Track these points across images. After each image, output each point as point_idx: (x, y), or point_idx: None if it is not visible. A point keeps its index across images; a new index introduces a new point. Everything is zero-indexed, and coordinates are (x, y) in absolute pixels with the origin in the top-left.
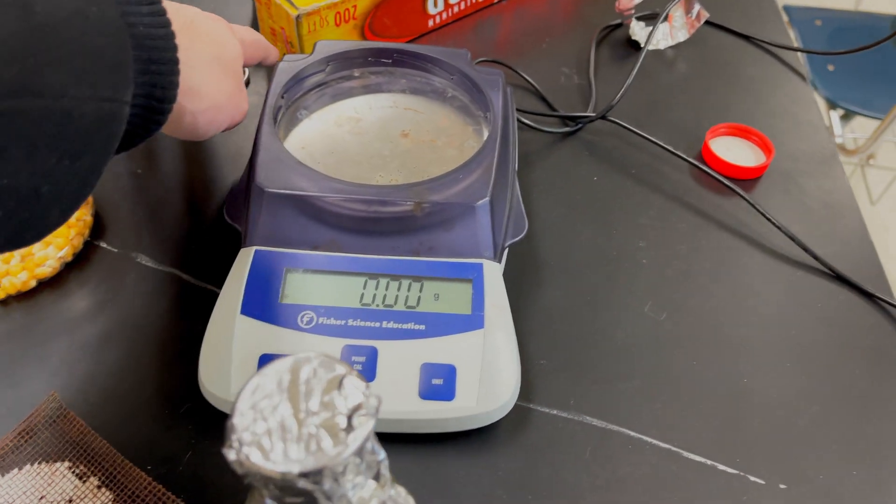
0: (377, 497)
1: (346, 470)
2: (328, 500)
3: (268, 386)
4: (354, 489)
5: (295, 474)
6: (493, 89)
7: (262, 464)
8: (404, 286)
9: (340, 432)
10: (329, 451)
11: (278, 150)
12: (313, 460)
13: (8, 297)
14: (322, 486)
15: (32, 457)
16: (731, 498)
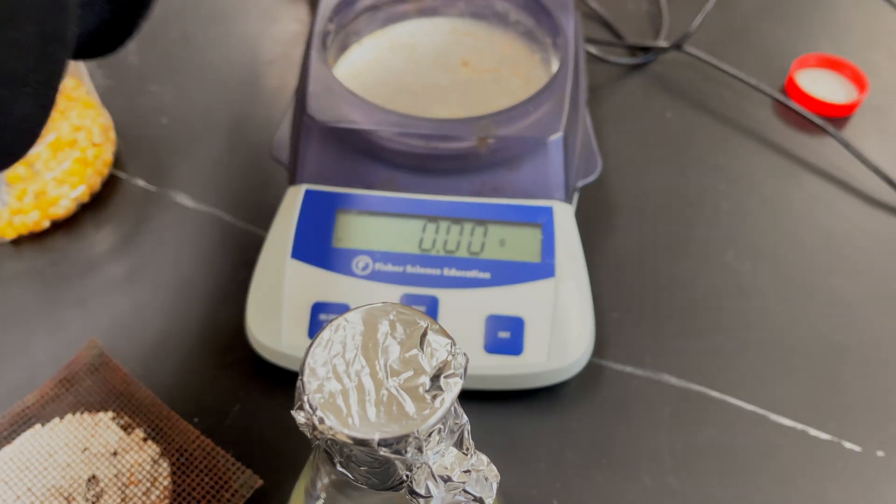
0: (460, 465)
1: (430, 436)
2: (407, 469)
3: (340, 339)
4: (436, 456)
5: (374, 442)
6: (563, 11)
7: (337, 429)
8: (467, 230)
9: (425, 394)
10: (413, 417)
11: (329, 79)
12: (396, 427)
13: (19, 236)
14: (404, 455)
15: (74, 406)
16: (823, 466)
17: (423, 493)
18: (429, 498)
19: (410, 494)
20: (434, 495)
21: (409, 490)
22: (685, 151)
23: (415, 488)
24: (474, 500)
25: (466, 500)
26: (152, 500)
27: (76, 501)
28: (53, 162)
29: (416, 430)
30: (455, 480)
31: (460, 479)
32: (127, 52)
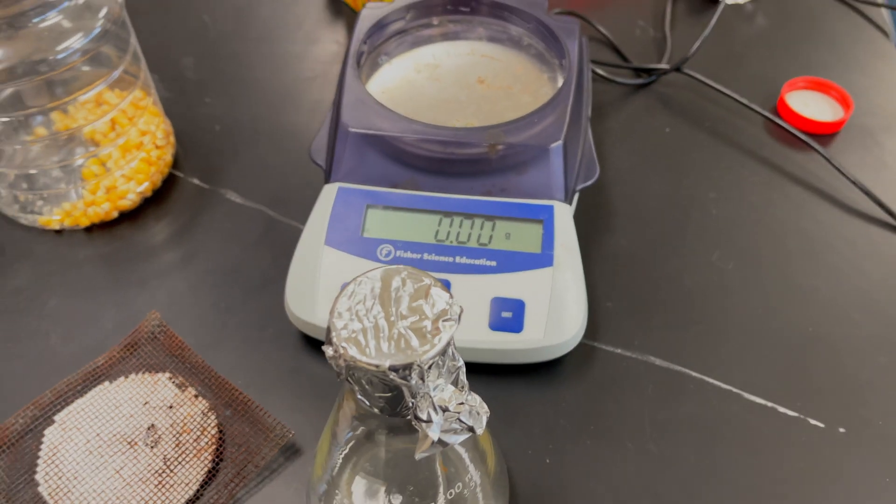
0: (456, 399)
1: (431, 369)
2: (412, 397)
3: (361, 292)
4: (436, 390)
5: (386, 367)
6: (569, 37)
7: (358, 357)
8: (477, 224)
9: (427, 334)
10: (417, 349)
11: (361, 93)
12: (403, 356)
13: (92, 225)
14: (409, 382)
15: (136, 368)
16: (789, 439)
17: (425, 418)
18: (430, 423)
19: (415, 419)
20: (434, 420)
21: (414, 416)
22: (681, 163)
23: (419, 414)
24: (468, 428)
25: (461, 428)
26: (201, 446)
27: (137, 445)
28: (122, 161)
29: (419, 360)
30: (451, 410)
31: (456, 410)
32: (185, 68)
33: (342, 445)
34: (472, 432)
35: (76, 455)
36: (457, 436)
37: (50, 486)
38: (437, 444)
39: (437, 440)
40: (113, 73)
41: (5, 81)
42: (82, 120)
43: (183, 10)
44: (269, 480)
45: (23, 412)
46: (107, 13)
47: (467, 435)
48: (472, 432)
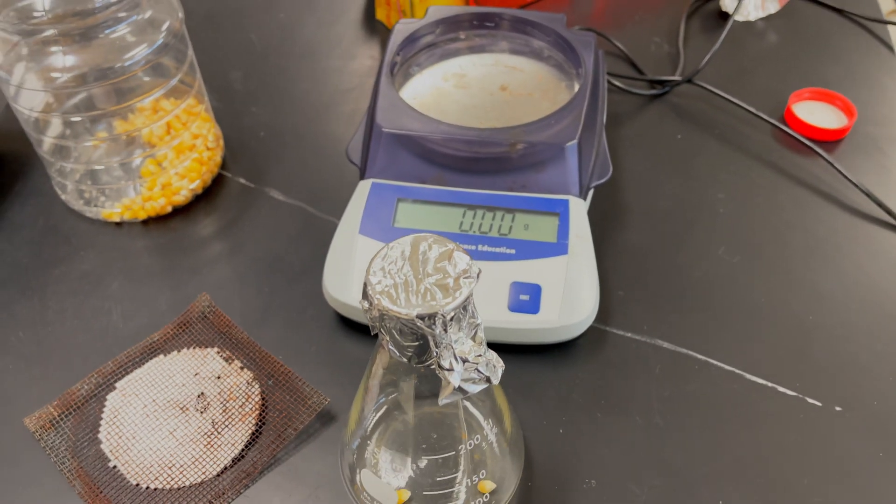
0: (475, 351)
1: (453, 321)
2: (436, 347)
3: (393, 255)
4: (457, 343)
5: (414, 315)
6: (586, 49)
7: (390, 307)
8: (498, 216)
9: (449, 289)
10: (441, 301)
11: (394, 98)
12: (428, 306)
13: (148, 218)
14: (434, 331)
15: (188, 343)
16: (788, 416)
17: (447, 366)
18: (451, 371)
19: (439, 368)
20: (455, 369)
21: (437, 364)
22: (691, 167)
23: (442, 362)
24: (485, 378)
25: (479, 377)
26: (246, 412)
27: (189, 410)
28: (177, 161)
29: (442, 310)
30: (471, 361)
31: (474, 361)
32: (234, 80)
33: (376, 404)
34: (489, 383)
35: (134, 418)
36: (475, 385)
37: (111, 444)
38: (458, 391)
39: (457, 387)
40: (171, 82)
41: (79, 86)
42: (140, 124)
43: (233, 28)
44: (305, 443)
45: (88, 379)
46: (168, 27)
47: (484, 385)
48: (489, 383)
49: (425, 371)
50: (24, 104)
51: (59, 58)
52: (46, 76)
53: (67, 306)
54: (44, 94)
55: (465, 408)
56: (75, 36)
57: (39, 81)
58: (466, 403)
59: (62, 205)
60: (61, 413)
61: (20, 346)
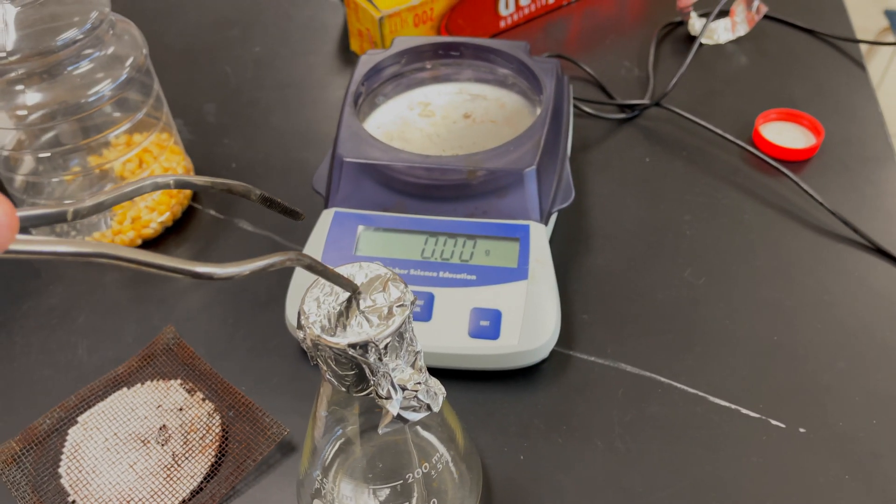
0: (414, 379)
1: (388, 349)
2: (373, 375)
3: (328, 285)
4: (395, 371)
5: (345, 345)
6: (547, 75)
7: (322, 336)
8: (459, 243)
9: (383, 317)
10: (374, 329)
11: (357, 128)
12: (361, 335)
13: None
14: (368, 359)
15: (152, 375)
16: (751, 438)
17: (384, 394)
18: (389, 399)
19: (377, 396)
20: (393, 397)
21: (375, 393)
22: (658, 189)
23: (379, 391)
24: (425, 406)
25: (419, 405)
26: (206, 443)
27: (150, 443)
28: (146, 194)
29: (375, 339)
30: (409, 389)
31: (413, 389)
32: (207, 113)
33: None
34: (430, 410)
35: (95, 452)
36: (416, 413)
37: (71, 479)
38: (398, 419)
39: (396, 415)
40: (137, 115)
41: (46, 122)
42: (113, 158)
43: (209, 61)
44: (265, 474)
45: (50, 414)
46: (133, 62)
47: (426, 413)
48: (430, 410)
49: (368, 400)
50: None
51: (26, 95)
52: (15, 114)
53: (34, 341)
54: (14, 132)
55: (415, 432)
56: (41, 74)
57: (9, 120)
58: (416, 428)
59: None
60: (23, 448)
61: None
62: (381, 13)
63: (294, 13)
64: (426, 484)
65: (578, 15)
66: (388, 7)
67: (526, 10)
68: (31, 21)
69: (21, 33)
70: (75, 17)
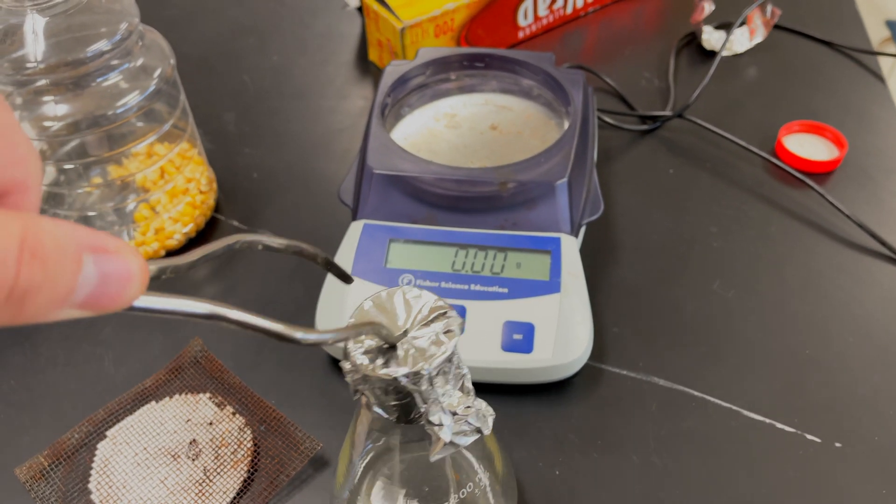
0: (463, 403)
1: (438, 376)
2: (424, 402)
3: (373, 313)
4: (444, 396)
5: (399, 375)
6: (575, 87)
7: (373, 368)
8: (490, 255)
9: (432, 345)
10: (425, 358)
11: (385, 139)
12: (413, 365)
13: None
14: (420, 388)
15: (180, 389)
16: (787, 453)
17: (436, 421)
18: (441, 426)
19: (428, 423)
20: (445, 424)
21: (426, 420)
22: (684, 201)
23: (430, 418)
24: (476, 429)
25: (470, 429)
26: (238, 458)
27: (180, 458)
28: (170, 205)
29: (427, 368)
30: (460, 414)
31: (464, 413)
32: (227, 122)
33: (361, 456)
34: (480, 433)
35: (125, 466)
36: (466, 437)
37: (101, 495)
38: (449, 445)
39: (448, 441)
40: (163, 127)
41: (71, 133)
42: (134, 169)
43: (227, 71)
44: (298, 490)
45: (78, 427)
46: (160, 73)
47: (476, 436)
48: (480, 433)
49: (412, 427)
50: None
51: (52, 107)
52: (39, 125)
53: (59, 353)
54: (37, 143)
55: (453, 459)
56: (68, 85)
57: (33, 130)
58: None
59: None
60: (52, 463)
61: (11, 395)
62: (402, 24)
63: (310, 22)
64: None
65: (595, 26)
66: (410, 17)
67: (544, 21)
68: (60, 31)
69: (50, 43)
70: (104, 28)
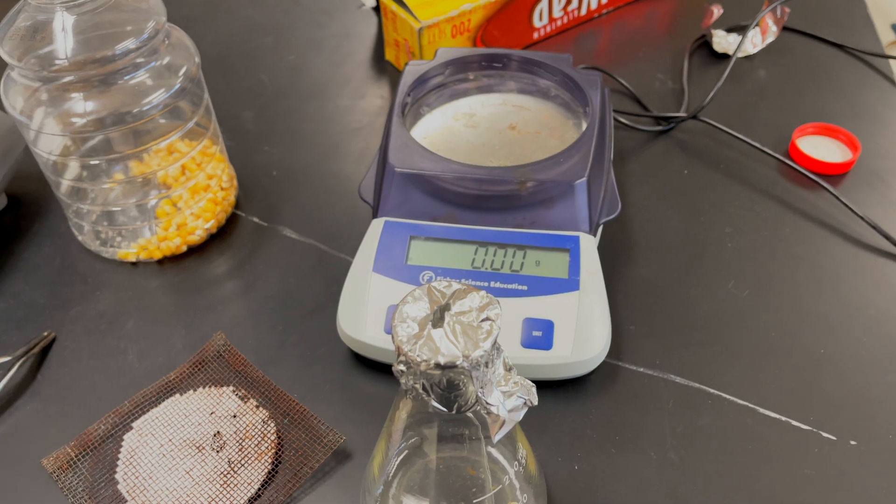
0: (511, 379)
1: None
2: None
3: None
4: (495, 375)
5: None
6: (592, 88)
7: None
8: (510, 253)
9: (480, 328)
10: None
11: (406, 138)
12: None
13: (164, 257)
14: (478, 371)
15: (204, 382)
16: (802, 450)
17: (494, 402)
18: (497, 405)
19: (486, 406)
20: (501, 403)
21: (484, 403)
22: (698, 202)
23: (488, 400)
24: (525, 403)
25: (521, 403)
26: (262, 450)
27: (205, 449)
28: (192, 201)
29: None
30: (510, 389)
31: (513, 388)
32: (246, 121)
33: (398, 449)
34: (532, 404)
35: (151, 457)
36: (519, 412)
37: (128, 485)
38: (508, 422)
39: (506, 419)
40: (187, 125)
41: (97, 130)
42: (156, 165)
43: (244, 70)
44: (322, 482)
45: (105, 419)
46: (185, 72)
47: (525, 410)
48: (532, 404)
49: (451, 417)
50: (42, 148)
51: (79, 103)
52: (65, 121)
53: (83, 346)
54: (62, 138)
55: (488, 454)
56: (95, 82)
57: (58, 126)
58: (490, 449)
59: (79, 245)
60: (78, 453)
61: (36, 387)
62: (420, 24)
63: (326, 22)
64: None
65: (608, 27)
66: (428, 18)
67: (559, 22)
68: (88, 29)
69: (78, 40)
70: (132, 27)
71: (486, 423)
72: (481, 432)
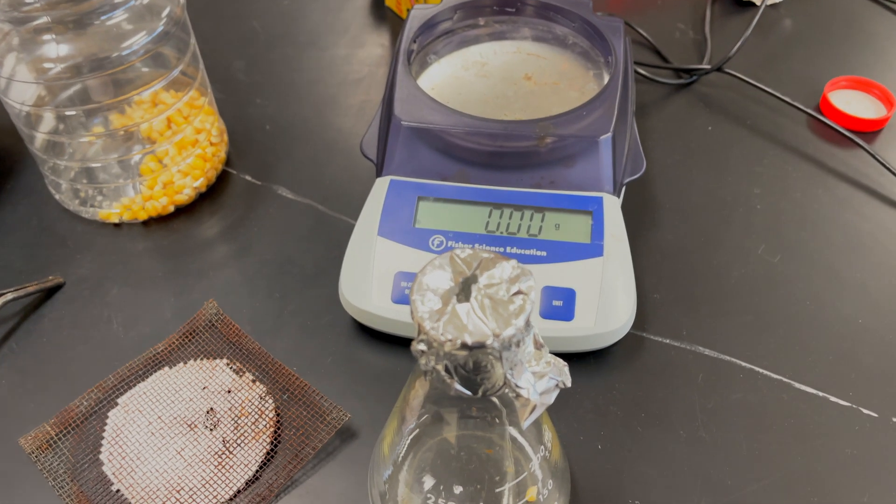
0: (543, 359)
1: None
2: (511, 368)
3: (434, 282)
4: (525, 355)
5: (488, 343)
6: (615, 35)
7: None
8: (527, 216)
9: (511, 304)
10: (508, 320)
11: (413, 88)
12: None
13: (149, 218)
14: (509, 350)
15: (195, 354)
16: (842, 428)
17: (524, 385)
18: (528, 388)
19: (515, 387)
20: (533, 385)
21: (513, 386)
22: (724, 160)
23: (518, 382)
24: (558, 385)
25: (553, 385)
26: (259, 429)
27: (197, 428)
28: (179, 158)
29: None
30: (541, 370)
31: (545, 370)
32: (237, 70)
33: (411, 428)
34: (565, 386)
35: (139, 436)
36: (551, 394)
37: (114, 466)
38: (539, 406)
39: (537, 403)
40: (172, 73)
41: (73, 77)
42: (139, 118)
43: (235, 16)
44: (325, 463)
45: (87, 394)
46: (169, 13)
47: (557, 392)
48: (565, 386)
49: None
50: (14, 97)
51: (52, 47)
52: (38, 67)
53: (64, 314)
54: (36, 87)
55: (512, 440)
56: (69, 23)
57: (31, 73)
58: (514, 434)
59: (56, 205)
60: (59, 432)
61: (13, 358)
62: None
63: None
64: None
65: None
66: None
67: None
68: None
69: None
70: None
71: (513, 407)
72: (506, 417)
